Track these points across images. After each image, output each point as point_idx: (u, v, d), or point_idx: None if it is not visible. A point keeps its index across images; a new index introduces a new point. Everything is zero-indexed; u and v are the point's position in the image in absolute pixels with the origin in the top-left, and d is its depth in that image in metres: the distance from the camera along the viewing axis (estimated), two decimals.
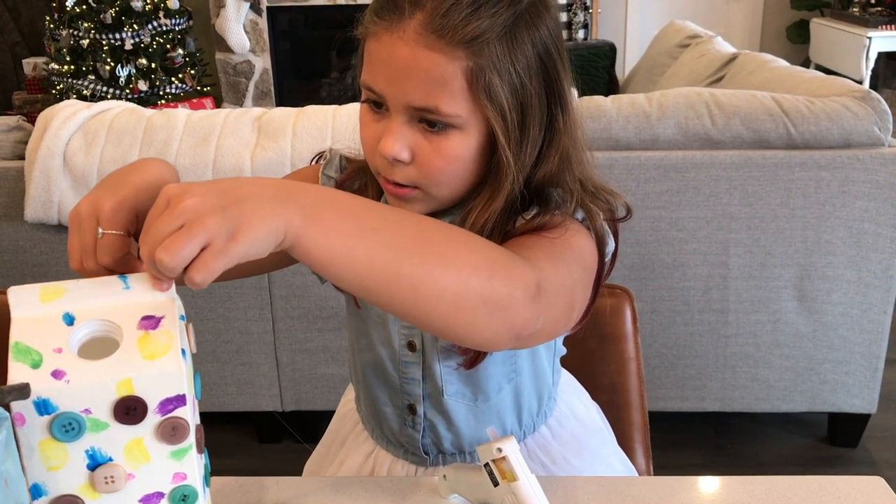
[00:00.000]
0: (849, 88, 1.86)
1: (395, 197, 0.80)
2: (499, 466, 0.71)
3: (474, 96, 0.73)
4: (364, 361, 0.94)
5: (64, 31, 3.71)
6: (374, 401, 0.95)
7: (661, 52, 3.14)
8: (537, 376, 0.93)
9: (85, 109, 1.94)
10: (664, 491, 0.83)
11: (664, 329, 1.97)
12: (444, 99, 0.73)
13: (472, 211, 0.79)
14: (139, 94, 3.76)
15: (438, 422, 0.92)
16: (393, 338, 0.89)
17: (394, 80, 0.74)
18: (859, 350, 1.95)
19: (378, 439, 0.98)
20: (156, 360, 0.55)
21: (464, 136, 0.75)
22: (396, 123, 0.75)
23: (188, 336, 0.59)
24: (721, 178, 1.83)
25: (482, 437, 0.92)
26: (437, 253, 0.63)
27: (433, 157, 0.76)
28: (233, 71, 4.35)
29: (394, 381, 0.91)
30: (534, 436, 0.95)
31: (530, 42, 0.75)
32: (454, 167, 0.76)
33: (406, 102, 0.74)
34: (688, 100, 1.85)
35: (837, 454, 2.08)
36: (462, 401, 0.90)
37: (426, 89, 0.72)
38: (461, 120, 0.74)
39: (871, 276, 1.88)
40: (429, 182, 0.77)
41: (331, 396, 2.06)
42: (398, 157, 0.75)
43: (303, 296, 1.97)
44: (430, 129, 0.75)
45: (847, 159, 1.80)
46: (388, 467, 0.96)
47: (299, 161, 1.85)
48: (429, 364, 0.89)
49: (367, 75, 0.76)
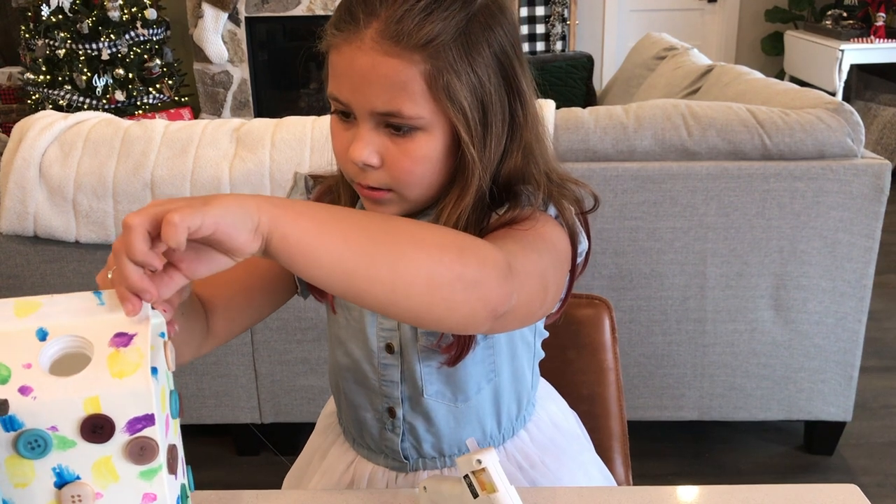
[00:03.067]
0: (822, 100, 1.88)
1: (370, 201, 0.82)
2: (478, 478, 0.71)
3: (435, 98, 0.76)
4: (343, 367, 0.94)
5: (40, 40, 3.69)
6: (354, 407, 0.95)
7: (638, 64, 3.17)
8: (517, 378, 0.94)
9: (61, 120, 1.92)
10: (643, 501, 0.83)
11: (642, 339, 1.98)
12: (405, 102, 0.75)
13: (443, 210, 0.81)
14: (116, 105, 3.73)
15: (418, 424, 0.92)
16: (371, 340, 0.90)
17: (357, 88, 0.76)
18: (834, 358, 1.97)
19: (359, 448, 0.98)
20: (124, 379, 0.55)
21: (429, 137, 0.78)
22: (364, 130, 0.78)
23: (166, 354, 0.59)
24: (698, 189, 1.85)
25: (462, 439, 0.93)
26: (408, 236, 0.66)
27: (401, 160, 0.78)
28: (211, 81, 4.33)
29: (373, 384, 0.92)
30: (513, 440, 0.96)
31: (486, 42, 0.77)
32: (422, 168, 0.79)
33: (370, 108, 0.76)
34: (664, 111, 1.86)
35: (814, 462, 2.10)
36: (442, 401, 0.91)
37: (388, 94, 0.75)
38: (424, 121, 0.77)
39: (845, 285, 1.90)
40: (399, 184, 0.79)
41: (310, 408, 2.05)
42: (368, 162, 0.78)
43: (282, 307, 1.95)
44: (397, 133, 0.77)
45: (821, 170, 1.82)
46: (367, 475, 0.96)
47: (278, 172, 1.84)
48: (408, 366, 0.89)
49: (333, 86, 0.79)
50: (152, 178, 1.84)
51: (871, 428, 2.23)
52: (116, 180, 1.85)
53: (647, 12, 4.87)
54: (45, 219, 1.87)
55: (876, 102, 4.25)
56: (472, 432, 0.93)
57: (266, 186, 1.85)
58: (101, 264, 1.93)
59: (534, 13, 4.42)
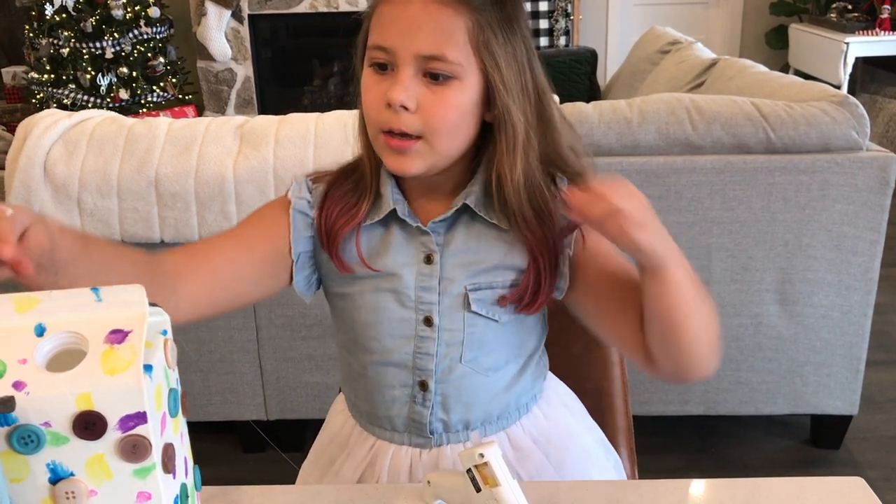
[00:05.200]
0: (827, 93, 1.88)
1: (396, 152, 0.86)
2: (481, 472, 0.71)
3: (475, 49, 0.84)
4: (368, 350, 0.96)
5: (44, 39, 3.69)
6: (381, 388, 0.97)
7: (642, 59, 3.16)
8: (534, 354, 1.00)
9: (66, 118, 1.93)
10: (649, 495, 0.83)
11: None
12: (449, 47, 0.83)
13: (501, 171, 0.87)
14: (120, 103, 3.74)
15: (450, 394, 0.95)
16: (410, 316, 0.93)
17: (405, 32, 0.84)
18: (840, 352, 1.96)
19: (379, 431, 1.00)
20: (116, 376, 0.54)
21: (463, 87, 0.85)
22: (404, 75, 0.84)
23: (166, 353, 0.59)
24: (702, 183, 1.84)
25: (489, 412, 0.97)
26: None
27: (436, 106, 0.85)
28: (214, 79, 4.34)
29: (406, 360, 0.95)
30: (527, 416, 1.00)
31: (517, 21, 0.87)
32: (454, 115, 0.86)
33: (415, 51, 0.83)
34: (668, 105, 1.86)
35: (820, 456, 2.10)
36: (475, 370, 0.95)
37: (434, 38, 0.83)
38: (462, 70, 0.84)
39: (851, 278, 1.90)
40: (431, 130, 0.85)
41: (315, 404, 2.06)
42: (405, 104, 0.84)
43: (287, 304, 1.96)
44: (434, 81, 0.84)
45: (826, 163, 1.81)
46: (390, 455, 0.98)
47: (282, 169, 1.84)
48: (444, 338, 0.93)
49: (377, 36, 0.86)
50: (156, 175, 1.85)
51: (877, 422, 2.22)
52: (121, 178, 1.85)
53: (650, 6, 4.85)
54: (50, 217, 1.87)
55: (881, 95, 4.23)
56: (496, 405, 0.97)
57: (270, 183, 1.85)
58: None
59: (537, 8, 4.42)
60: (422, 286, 0.93)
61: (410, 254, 0.93)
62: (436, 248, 0.93)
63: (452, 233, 0.93)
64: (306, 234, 0.94)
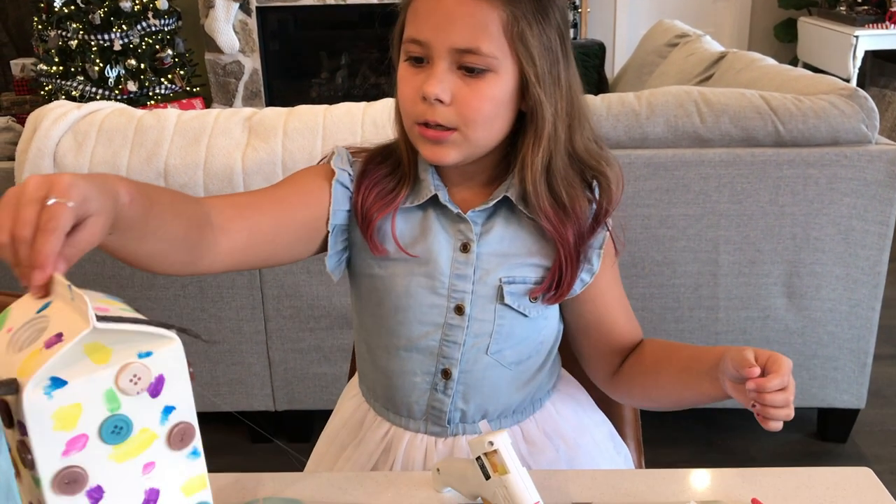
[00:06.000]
0: (836, 86, 1.87)
1: (432, 142, 0.88)
2: (490, 460, 0.72)
3: (509, 42, 0.85)
4: (397, 335, 0.96)
5: (52, 31, 3.70)
6: (401, 374, 0.98)
7: (650, 52, 3.15)
8: (550, 351, 1.02)
9: (75, 110, 1.93)
10: (657, 484, 0.84)
11: (655, 326, 1.98)
12: (484, 41, 0.84)
13: (525, 157, 0.89)
14: (128, 95, 3.75)
15: (471, 384, 0.96)
16: (441, 303, 0.94)
17: (440, 26, 0.84)
18: (848, 346, 1.96)
19: (394, 418, 1.00)
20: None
21: (498, 79, 0.86)
22: (439, 69, 0.85)
23: (128, 377, 0.55)
24: (710, 176, 1.84)
25: (508, 404, 0.98)
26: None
27: (471, 98, 0.86)
28: (222, 71, 4.34)
29: (432, 347, 0.95)
30: (541, 410, 1.02)
31: (553, 9, 0.87)
32: (489, 107, 0.86)
33: (450, 45, 0.84)
34: (677, 98, 1.86)
35: (827, 449, 2.10)
36: (499, 361, 0.96)
37: (469, 32, 0.84)
38: (496, 63, 0.85)
39: (859, 272, 1.89)
40: (466, 122, 0.86)
41: (323, 395, 2.07)
42: (440, 97, 0.85)
43: (294, 295, 1.97)
44: (469, 74, 0.85)
45: (835, 157, 1.81)
46: (405, 442, 0.99)
47: (290, 161, 1.85)
48: (473, 328, 0.94)
49: (413, 30, 0.87)
50: (165, 167, 1.85)
51: (884, 415, 2.22)
52: (130, 169, 1.86)
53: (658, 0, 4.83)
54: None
55: (890, 89, 4.21)
56: (514, 399, 0.99)
57: (278, 175, 1.86)
58: None
59: None
60: (456, 274, 0.93)
61: (447, 240, 0.94)
62: (473, 237, 0.93)
63: (491, 223, 0.94)
64: (344, 208, 0.94)
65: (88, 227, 0.58)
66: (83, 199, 0.57)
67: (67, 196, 0.56)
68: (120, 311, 0.57)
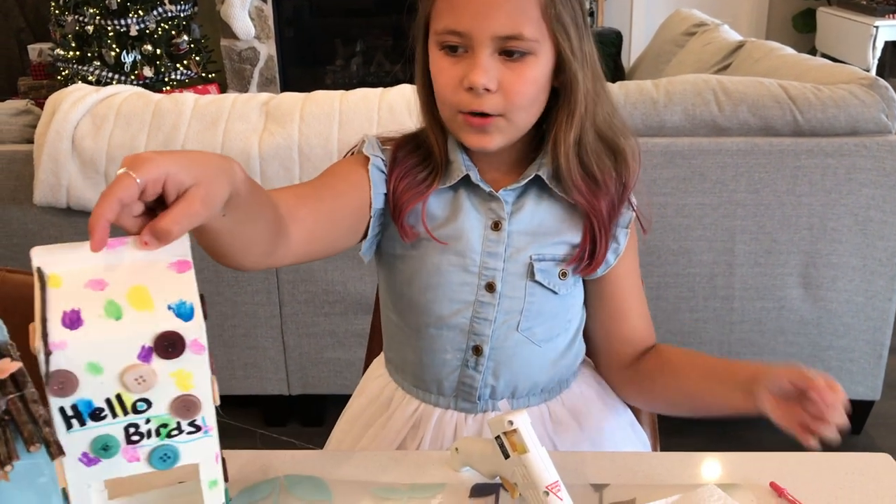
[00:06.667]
0: (856, 76, 1.86)
1: (477, 130, 0.88)
2: (510, 439, 0.72)
3: (547, 23, 0.85)
4: (428, 313, 0.97)
5: (69, 16, 3.71)
6: (431, 352, 0.98)
7: (668, 40, 3.14)
8: (577, 332, 1.03)
9: (93, 93, 1.94)
10: (674, 466, 0.84)
11: (669, 316, 1.98)
12: (526, 25, 0.84)
13: (557, 134, 0.90)
14: (144, 81, 3.75)
15: (502, 361, 0.97)
16: (472, 281, 0.95)
17: (480, 15, 0.84)
18: (864, 337, 1.95)
19: (424, 395, 1.01)
20: None
21: (538, 61, 0.87)
22: (482, 57, 0.85)
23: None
24: (727, 165, 1.83)
25: (536, 382, 0.99)
26: None
27: (516, 83, 0.86)
28: (238, 58, 4.34)
29: (463, 324, 0.96)
30: (567, 391, 1.03)
31: None
32: (533, 90, 0.88)
33: (492, 33, 0.84)
34: (695, 86, 1.85)
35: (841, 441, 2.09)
36: (529, 339, 0.97)
37: (511, 18, 0.84)
38: (538, 45, 0.86)
39: (876, 263, 1.88)
40: (512, 107, 0.87)
41: (337, 380, 2.08)
42: (488, 87, 0.85)
43: (310, 280, 1.98)
44: (509, 59, 0.86)
45: (854, 147, 1.80)
46: (435, 419, 1.00)
47: (306, 146, 1.85)
48: (504, 305, 0.95)
49: (449, 20, 0.86)
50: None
51: None
52: None
53: None
54: (78, 191, 1.89)
55: None
56: (543, 377, 0.99)
57: (294, 160, 1.86)
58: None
59: None
60: (488, 252, 0.95)
61: (478, 219, 0.95)
62: (505, 216, 0.95)
63: (522, 201, 0.96)
64: (382, 191, 0.95)
65: (186, 197, 0.60)
66: (162, 173, 0.59)
67: (136, 170, 0.58)
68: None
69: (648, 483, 0.82)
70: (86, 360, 0.57)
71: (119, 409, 0.60)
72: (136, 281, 0.60)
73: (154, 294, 0.60)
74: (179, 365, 0.60)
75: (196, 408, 0.63)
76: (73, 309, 0.57)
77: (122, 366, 0.58)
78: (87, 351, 0.57)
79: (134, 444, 0.62)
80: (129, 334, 0.58)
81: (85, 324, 0.57)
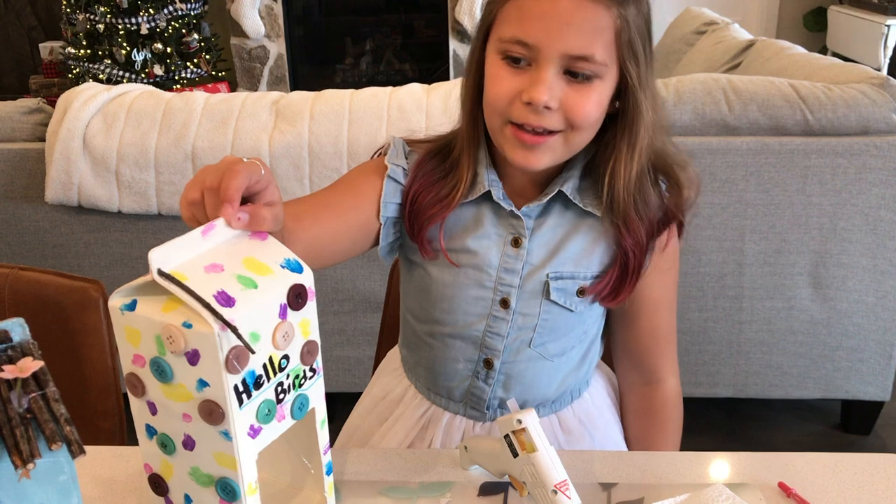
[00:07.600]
0: (867, 75, 1.85)
1: (526, 147, 0.85)
2: (518, 438, 0.72)
3: (617, 48, 0.82)
4: (441, 322, 0.96)
5: (80, 15, 3.73)
6: (443, 360, 0.98)
7: (677, 39, 3.13)
8: (593, 344, 1.02)
9: (104, 92, 1.95)
10: (682, 467, 0.84)
11: (678, 315, 1.94)
12: (598, 48, 0.81)
13: (616, 163, 0.87)
14: (155, 79, 3.77)
15: (513, 375, 0.97)
16: (487, 296, 0.93)
17: (554, 30, 0.80)
18: (874, 337, 1.95)
19: (435, 398, 1.01)
20: None
21: (603, 85, 0.84)
22: (547, 74, 0.81)
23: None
24: (737, 165, 1.83)
25: (547, 395, 0.98)
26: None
27: (581, 104, 0.83)
28: (248, 56, 4.36)
29: (475, 336, 0.95)
30: (578, 400, 1.02)
31: (647, 10, 0.86)
32: (596, 113, 0.84)
33: (563, 51, 0.81)
34: (705, 86, 1.84)
35: (850, 441, 2.09)
36: (542, 354, 0.96)
37: (585, 38, 0.80)
38: (605, 70, 0.83)
39: (886, 263, 1.88)
40: (574, 127, 0.84)
41: (346, 378, 2.08)
42: (549, 105, 0.82)
43: (318, 278, 1.97)
44: (574, 79, 0.82)
45: (864, 146, 1.79)
46: (444, 422, 1.00)
47: (316, 144, 1.86)
48: (518, 321, 0.94)
49: (519, 30, 0.82)
50: (193, 149, 1.87)
51: None
52: (158, 151, 1.88)
53: None
54: (89, 189, 1.90)
55: None
56: (554, 390, 0.99)
57: (304, 158, 1.87)
58: (144, 234, 1.96)
59: None
60: (505, 268, 0.93)
61: (499, 235, 0.93)
62: (525, 233, 0.92)
63: (543, 218, 0.93)
64: (395, 201, 0.93)
65: (274, 206, 0.67)
66: (270, 181, 0.67)
67: (258, 167, 0.65)
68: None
69: (657, 482, 0.82)
70: (249, 331, 0.61)
71: (271, 372, 0.64)
72: (243, 255, 0.64)
73: (264, 260, 0.64)
74: (303, 314, 0.65)
75: (315, 351, 0.68)
76: (220, 290, 0.60)
77: (272, 326, 0.63)
78: (249, 322, 0.61)
79: (280, 403, 0.66)
80: (270, 297, 0.62)
81: (237, 300, 0.60)
